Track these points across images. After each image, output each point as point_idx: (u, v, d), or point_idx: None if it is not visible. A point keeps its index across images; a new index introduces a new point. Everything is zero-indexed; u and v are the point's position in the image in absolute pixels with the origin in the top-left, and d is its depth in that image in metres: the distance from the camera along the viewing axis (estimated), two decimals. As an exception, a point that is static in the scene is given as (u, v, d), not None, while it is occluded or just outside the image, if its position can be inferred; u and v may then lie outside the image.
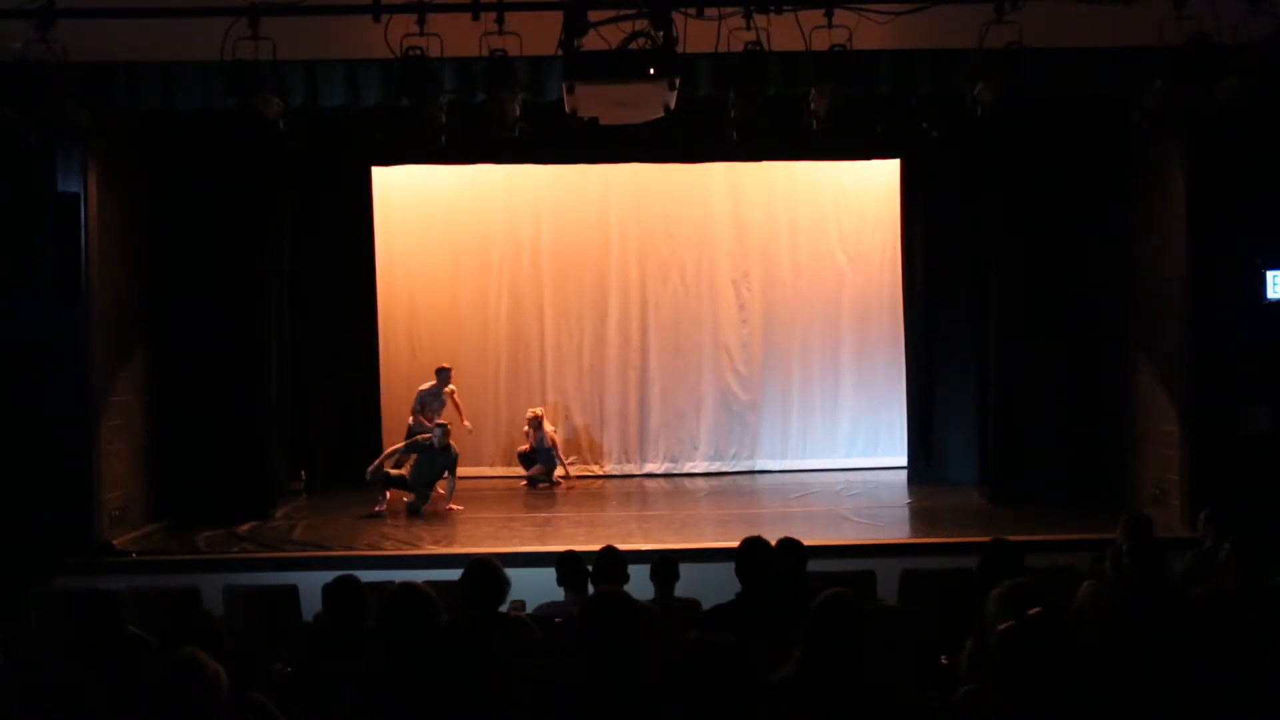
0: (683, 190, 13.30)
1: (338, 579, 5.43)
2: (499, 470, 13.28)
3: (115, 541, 9.53)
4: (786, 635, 3.93)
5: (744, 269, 13.45)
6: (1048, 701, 3.62)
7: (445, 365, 12.30)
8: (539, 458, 12.60)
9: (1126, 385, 10.81)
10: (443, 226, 13.38)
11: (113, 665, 4.25)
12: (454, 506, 10.98)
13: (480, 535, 10.10)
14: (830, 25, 7.09)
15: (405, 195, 13.17)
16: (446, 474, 11.00)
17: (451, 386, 12.26)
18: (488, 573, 5.01)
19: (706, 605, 5.96)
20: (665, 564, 6.64)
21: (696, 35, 6.96)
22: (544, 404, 13.22)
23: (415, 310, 13.38)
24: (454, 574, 5.19)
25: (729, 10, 7.00)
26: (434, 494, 11.04)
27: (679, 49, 6.61)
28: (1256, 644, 4.14)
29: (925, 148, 11.27)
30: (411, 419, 11.98)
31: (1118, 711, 3.89)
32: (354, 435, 11.98)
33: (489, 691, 3.93)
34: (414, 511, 10.76)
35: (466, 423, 12.40)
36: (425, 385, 12.18)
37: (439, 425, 11.28)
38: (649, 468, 13.39)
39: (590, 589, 6.47)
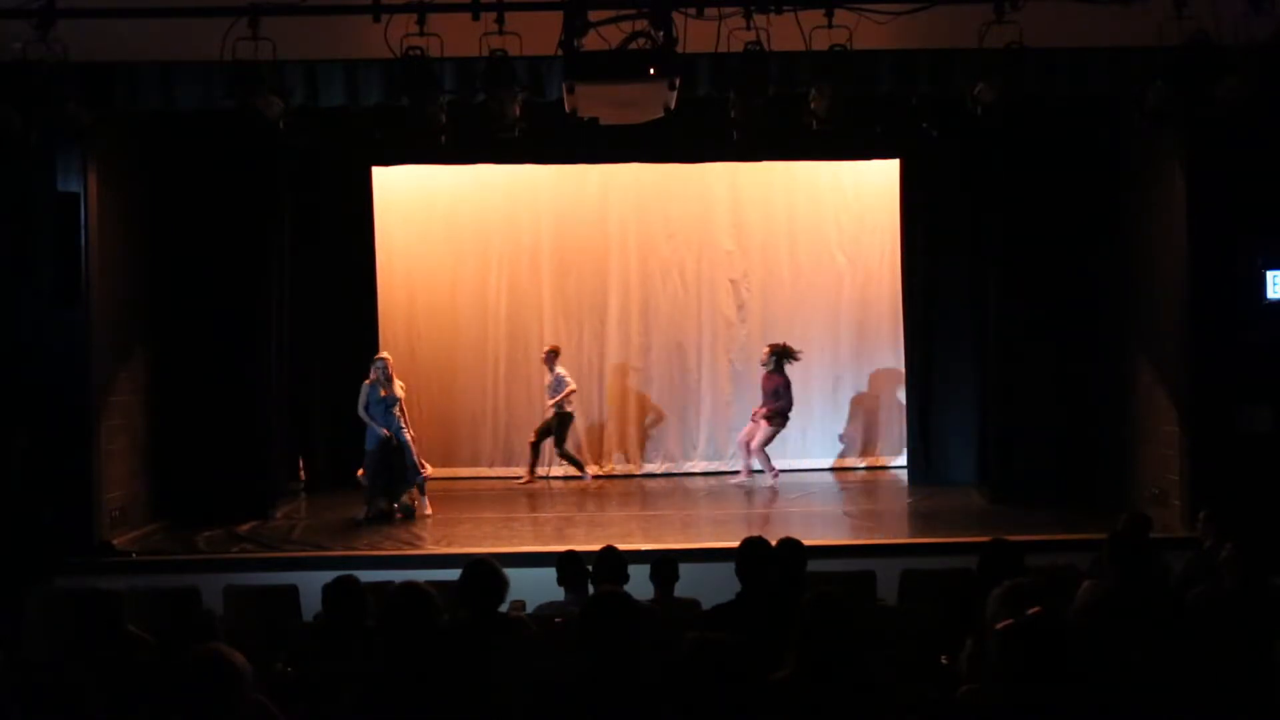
0: (683, 190, 13.30)
1: (338, 579, 5.44)
2: (498, 470, 13.29)
3: (115, 541, 9.53)
4: (786, 635, 3.94)
5: (743, 269, 13.45)
6: (1048, 701, 3.63)
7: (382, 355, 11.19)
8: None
9: (1126, 385, 10.81)
10: (443, 226, 13.38)
11: (113, 665, 4.26)
12: (423, 510, 10.86)
13: (480, 535, 10.10)
14: (830, 25, 7.09)
15: (405, 195, 13.17)
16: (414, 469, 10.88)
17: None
18: (487, 573, 5.02)
19: (706, 605, 5.97)
20: (665, 564, 6.65)
21: (696, 35, 6.95)
22: (543, 403, 13.25)
23: (415, 310, 13.38)
24: (454, 574, 5.19)
25: (729, 10, 7.00)
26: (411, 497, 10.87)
27: (679, 49, 6.61)
28: (1256, 644, 4.14)
29: (925, 148, 11.32)
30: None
31: (1117, 711, 3.89)
32: (354, 435, 11.94)
33: (489, 691, 3.94)
34: (387, 517, 10.59)
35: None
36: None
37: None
38: (649, 468, 13.39)
39: (590, 589, 6.47)
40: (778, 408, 12.06)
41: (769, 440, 12.16)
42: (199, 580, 7.83)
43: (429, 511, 10.77)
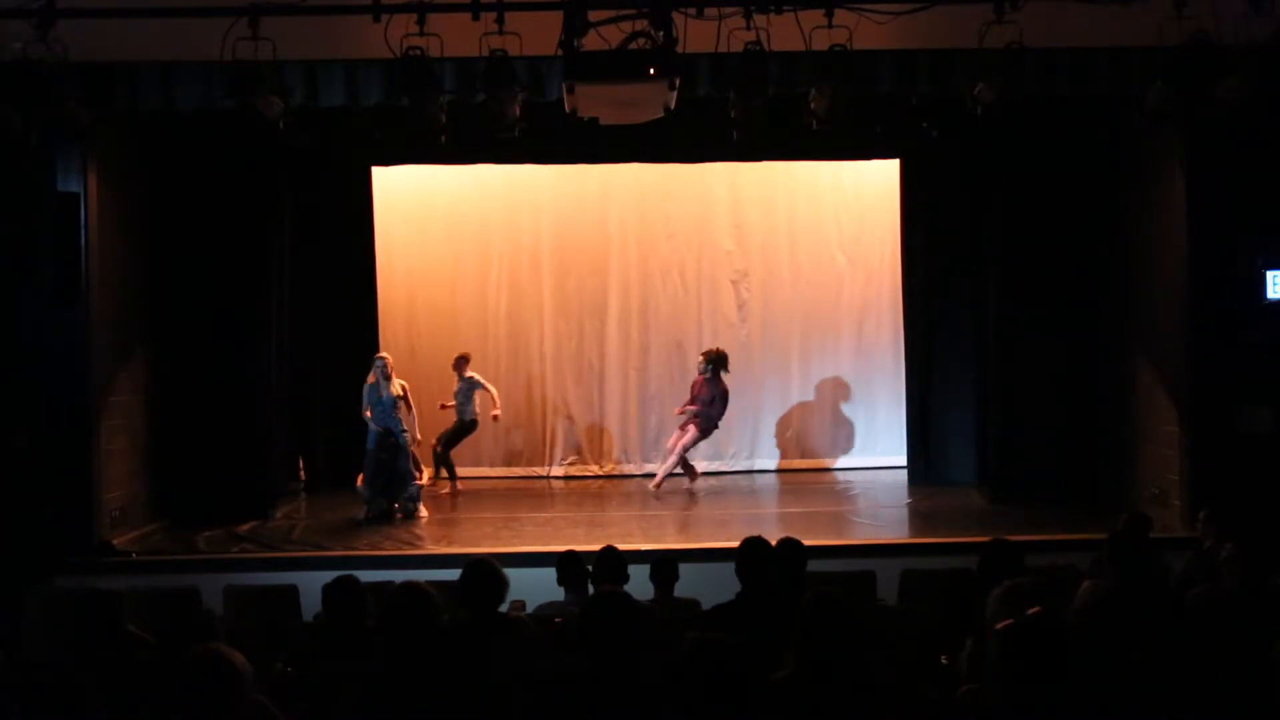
0: (683, 190, 13.30)
1: (338, 579, 5.45)
2: (499, 470, 13.30)
3: (115, 541, 9.53)
4: (786, 635, 3.93)
5: (743, 269, 13.46)
6: (1048, 701, 3.63)
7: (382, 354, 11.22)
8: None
9: (1126, 385, 10.81)
10: (443, 226, 13.39)
11: (113, 665, 4.26)
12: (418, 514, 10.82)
13: (480, 535, 10.10)
14: (830, 25, 7.10)
15: (405, 195, 13.18)
16: (415, 472, 10.87)
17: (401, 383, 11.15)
18: (487, 573, 5.02)
19: (706, 605, 5.97)
20: (665, 564, 6.65)
21: (696, 35, 6.96)
22: (543, 403, 13.25)
23: (415, 310, 13.38)
24: (454, 574, 5.19)
25: (729, 10, 7.00)
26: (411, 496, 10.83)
27: (679, 49, 6.61)
28: (1256, 644, 4.14)
29: (925, 148, 11.33)
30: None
31: (1117, 711, 3.89)
32: (354, 435, 11.95)
33: (489, 691, 3.94)
34: (387, 517, 10.60)
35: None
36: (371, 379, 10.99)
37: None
38: (649, 468, 13.37)
39: (590, 589, 6.47)
40: (707, 417, 11.84)
41: (691, 446, 11.98)
42: (199, 580, 7.83)
43: (424, 514, 10.77)
